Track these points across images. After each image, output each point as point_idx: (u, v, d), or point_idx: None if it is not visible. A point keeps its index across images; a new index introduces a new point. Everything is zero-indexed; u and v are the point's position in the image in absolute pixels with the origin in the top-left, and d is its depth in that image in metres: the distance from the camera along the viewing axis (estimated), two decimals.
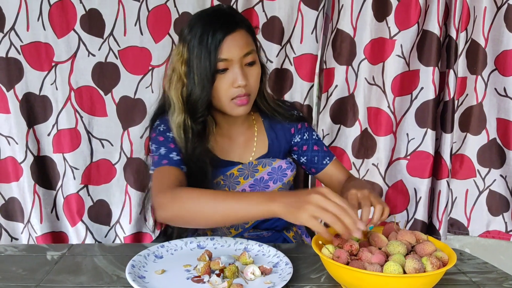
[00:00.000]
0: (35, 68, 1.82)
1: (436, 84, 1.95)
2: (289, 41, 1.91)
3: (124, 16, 1.81)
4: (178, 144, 1.19)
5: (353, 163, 2.03)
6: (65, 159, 1.89)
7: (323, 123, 1.99)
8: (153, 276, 0.98)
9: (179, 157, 1.17)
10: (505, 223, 2.11)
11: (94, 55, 1.83)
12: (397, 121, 2.02)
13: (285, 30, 1.89)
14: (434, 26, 1.91)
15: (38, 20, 1.78)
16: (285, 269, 0.99)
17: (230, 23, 1.14)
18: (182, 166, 1.16)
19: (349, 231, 0.88)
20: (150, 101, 1.88)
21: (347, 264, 0.90)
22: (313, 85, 1.96)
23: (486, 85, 2.03)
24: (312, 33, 1.88)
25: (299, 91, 1.94)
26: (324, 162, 1.36)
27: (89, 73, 1.84)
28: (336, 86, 1.97)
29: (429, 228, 2.09)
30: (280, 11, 1.88)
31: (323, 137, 2.00)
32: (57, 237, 1.96)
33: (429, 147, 1.99)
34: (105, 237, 1.98)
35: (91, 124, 1.89)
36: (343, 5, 1.90)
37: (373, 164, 2.05)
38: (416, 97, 1.99)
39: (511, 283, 0.99)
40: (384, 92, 1.99)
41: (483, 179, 2.10)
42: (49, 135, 1.88)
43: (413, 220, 2.07)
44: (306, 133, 1.37)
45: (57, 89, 1.84)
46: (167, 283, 0.95)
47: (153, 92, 1.87)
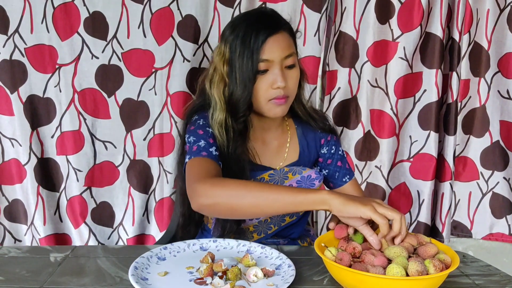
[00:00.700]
0: (39, 70, 1.82)
1: (439, 86, 1.95)
2: None
3: (127, 18, 1.82)
4: (217, 141, 1.20)
5: (356, 165, 2.03)
6: (68, 161, 1.89)
7: None
8: (156, 278, 0.98)
9: (217, 153, 1.17)
10: (509, 225, 2.10)
11: (97, 58, 1.84)
12: (400, 123, 2.02)
13: None
14: (437, 28, 1.91)
15: (42, 22, 1.78)
16: (288, 271, 0.99)
17: (273, 24, 1.16)
18: (219, 162, 1.17)
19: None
20: (153, 104, 1.89)
21: (350, 266, 0.90)
22: (316, 87, 1.96)
23: (489, 88, 2.03)
24: (315, 36, 1.89)
25: None
26: (344, 179, 1.38)
27: (92, 76, 1.85)
28: (339, 88, 1.97)
29: (432, 230, 2.09)
30: (283, 14, 1.81)
31: None
32: (60, 239, 1.96)
33: (432, 149, 1.99)
34: (108, 239, 1.98)
35: (94, 126, 1.89)
36: (346, 7, 1.90)
37: (376, 166, 2.05)
38: (419, 100, 1.99)
39: None
40: (387, 94, 1.99)
41: (486, 182, 2.10)
42: (52, 137, 1.88)
43: (416, 222, 2.07)
44: (334, 147, 1.38)
45: (60, 91, 1.85)
46: (170, 285, 0.95)
47: (156, 94, 1.88)
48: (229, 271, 0.96)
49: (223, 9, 1.84)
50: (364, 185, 2.06)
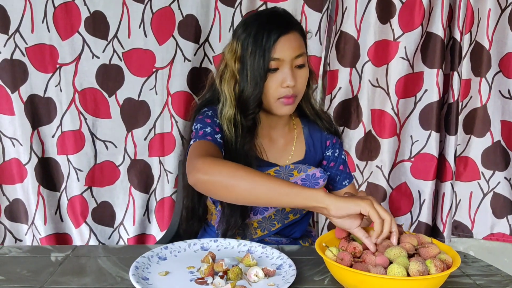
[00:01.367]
0: (40, 70, 1.82)
1: (440, 86, 1.95)
2: None
3: (128, 18, 1.82)
4: (225, 135, 1.22)
5: (357, 165, 2.03)
6: (69, 160, 1.89)
7: None
8: (156, 277, 0.98)
9: (222, 141, 1.20)
10: (510, 225, 2.10)
11: (98, 57, 1.84)
12: (401, 123, 2.02)
13: None
14: (438, 28, 1.91)
15: (42, 22, 1.78)
16: (289, 271, 0.99)
17: (285, 24, 1.19)
18: (222, 149, 1.19)
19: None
20: (154, 103, 1.88)
21: (351, 266, 0.90)
22: (316, 87, 1.95)
23: (490, 87, 2.03)
24: (316, 35, 1.88)
25: None
26: (343, 183, 1.42)
27: (93, 75, 1.85)
28: (340, 88, 1.97)
29: (433, 230, 2.08)
30: None
31: None
32: (61, 238, 1.96)
33: (433, 149, 1.99)
34: (109, 238, 1.98)
35: (95, 126, 1.89)
36: (347, 7, 1.90)
37: (377, 166, 2.05)
38: (420, 99, 1.99)
39: None
40: (388, 94, 1.99)
41: (487, 182, 2.09)
42: (53, 136, 1.88)
43: (417, 222, 2.06)
44: (337, 150, 1.41)
45: (61, 91, 1.84)
46: (170, 284, 0.95)
47: (157, 94, 1.88)
48: (230, 271, 0.96)
49: (224, 9, 1.84)
50: (365, 185, 2.06)
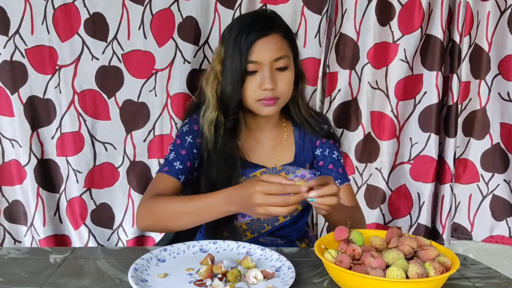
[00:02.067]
0: (39, 71, 1.82)
1: (439, 88, 1.95)
2: None
3: (128, 20, 1.82)
4: (192, 148, 1.25)
5: (356, 167, 2.03)
6: (68, 162, 1.89)
7: None
8: (155, 279, 0.98)
9: (181, 167, 1.23)
10: (509, 228, 2.10)
11: (97, 59, 1.84)
12: (400, 125, 2.02)
13: None
14: (437, 30, 1.91)
15: (42, 23, 1.79)
16: (288, 274, 0.99)
17: (265, 26, 1.18)
18: (180, 176, 1.23)
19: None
20: (153, 105, 1.88)
21: (350, 268, 0.90)
22: (316, 89, 1.96)
23: (489, 90, 2.03)
24: (315, 37, 1.89)
25: None
26: None
27: (92, 77, 1.85)
28: (339, 90, 1.97)
29: (433, 232, 2.08)
30: (283, 15, 1.82)
31: None
32: (60, 240, 1.96)
33: (432, 151, 1.99)
34: (108, 240, 1.98)
35: (94, 127, 1.89)
36: (346, 9, 1.90)
37: (376, 168, 2.05)
38: (419, 102, 1.99)
39: None
40: (387, 96, 1.99)
41: (487, 184, 2.09)
42: (52, 138, 1.88)
43: (416, 224, 2.06)
44: (327, 149, 1.37)
45: (60, 92, 1.84)
46: (169, 286, 0.95)
47: (156, 95, 1.88)
48: (228, 273, 0.96)
49: (224, 11, 1.84)
50: (364, 187, 2.06)
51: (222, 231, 1.26)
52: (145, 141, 1.91)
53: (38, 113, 1.86)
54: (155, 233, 1.96)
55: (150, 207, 1.15)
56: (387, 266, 0.90)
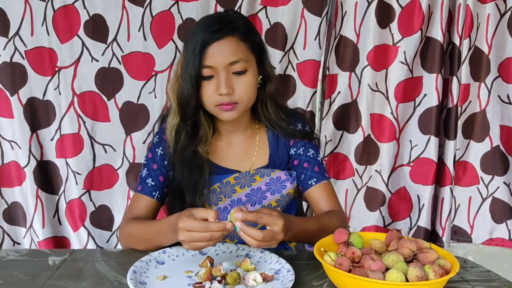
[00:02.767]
0: (39, 73, 1.82)
1: (439, 91, 1.95)
2: (292, 47, 1.91)
3: (128, 21, 1.82)
4: (163, 160, 1.25)
5: (356, 169, 2.03)
6: (67, 164, 1.89)
7: (326, 129, 1.99)
8: (154, 282, 0.97)
9: (154, 183, 1.24)
10: (509, 230, 2.10)
11: (97, 61, 1.84)
12: (400, 127, 2.02)
13: (288, 36, 1.90)
14: (437, 33, 1.91)
15: (42, 25, 1.79)
16: (287, 276, 0.99)
17: (220, 30, 1.13)
18: (154, 193, 1.25)
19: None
20: (153, 107, 1.88)
21: (349, 271, 0.89)
22: (316, 91, 1.96)
23: (489, 92, 2.03)
24: (315, 39, 1.89)
25: (302, 97, 1.94)
26: (309, 182, 1.28)
27: (92, 78, 1.85)
28: (339, 92, 1.97)
29: (432, 235, 2.08)
30: (283, 18, 1.88)
31: (326, 143, 1.99)
32: (59, 242, 1.96)
33: (432, 154, 1.99)
34: (107, 242, 1.98)
35: (94, 129, 1.89)
36: (346, 11, 1.91)
37: (376, 170, 2.04)
38: (419, 104, 1.99)
39: None
40: (387, 98, 1.99)
41: (487, 186, 2.09)
42: (52, 140, 1.88)
43: (416, 227, 2.06)
44: (302, 147, 1.30)
45: (60, 94, 1.84)
46: None
47: (156, 97, 1.88)
48: (228, 276, 0.95)
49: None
50: (364, 190, 2.06)
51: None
52: (144, 142, 1.91)
53: (37, 114, 1.86)
54: None
55: (123, 232, 1.22)
56: (387, 269, 0.90)
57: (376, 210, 2.06)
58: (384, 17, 1.92)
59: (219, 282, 0.94)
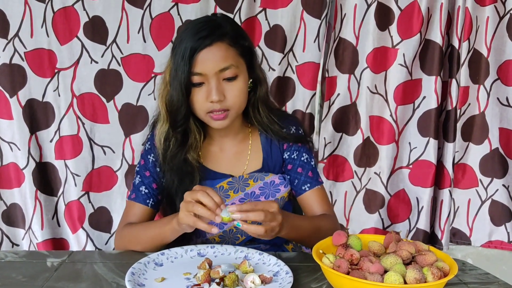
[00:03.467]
0: (38, 74, 1.82)
1: (438, 93, 1.95)
2: (291, 49, 1.91)
3: (127, 23, 1.82)
4: (155, 167, 1.25)
5: (355, 171, 2.03)
6: (66, 165, 1.89)
7: (325, 132, 1.99)
8: (153, 284, 0.97)
9: (147, 191, 1.24)
10: (508, 233, 2.10)
11: (97, 62, 1.84)
12: (399, 130, 2.02)
13: (287, 38, 1.90)
14: (436, 35, 1.92)
15: (41, 27, 1.79)
16: (286, 278, 0.99)
17: (209, 36, 1.10)
18: (148, 200, 1.24)
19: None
20: (152, 109, 1.87)
21: (348, 273, 0.89)
22: (315, 93, 1.96)
23: (488, 95, 2.03)
24: (314, 42, 1.89)
25: (301, 99, 1.94)
26: (303, 188, 1.27)
27: (91, 80, 1.85)
28: (338, 94, 1.97)
29: (431, 237, 2.08)
30: (282, 20, 1.88)
31: (325, 145, 2.00)
32: (57, 243, 1.96)
33: (431, 156, 1.99)
34: (106, 244, 1.98)
35: (93, 131, 1.89)
36: (345, 14, 1.91)
37: (375, 172, 2.04)
38: (418, 106, 1.99)
39: None
40: (386, 100, 1.99)
41: (486, 189, 2.09)
42: (51, 141, 1.88)
43: (415, 229, 2.06)
44: (295, 152, 1.28)
45: (59, 95, 1.85)
46: None
47: (155, 99, 1.87)
48: (226, 278, 0.95)
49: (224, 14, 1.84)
50: (363, 192, 2.06)
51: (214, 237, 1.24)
52: (143, 144, 1.90)
53: (36, 116, 1.86)
54: None
55: (121, 237, 1.22)
56: (385, 271, 0.90)
57: (375, 212, 2.06)
58: (383, 19, 1.92)
59: (218, 284, 0.94)
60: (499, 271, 2.11)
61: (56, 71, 1.83)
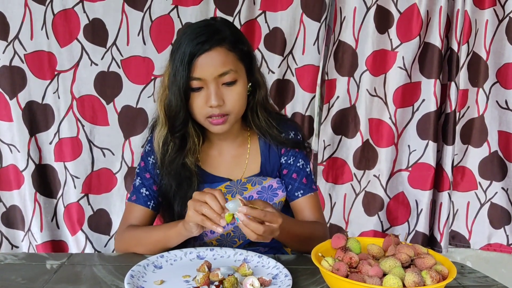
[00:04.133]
0: (38, 76, 1.82)
1: (437, 96, 1.95)
2: (291, 52, 1.92)
3: (127, 26, 1.83)
4: (155, 169, 1.24)
5: (354, 174, 2.03)
6: (66, 167, 1.89)
7: (325, 134, 1.99)
8: (152, 286, 0.97)
9: (148, 193, 1.24)
10: (507, 236, 2.10)
11: (96, 65, 1.84)
12: (398, 132, 2.02)
13: (287, 41, 1.90)
14: (435, 38, 1.92)
15: (41, 29, 1.79)
16: (285, 281, 0.99)
17: (207, 41, 1.10)
18: (149, 202, 1.24)
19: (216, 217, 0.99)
20: (152, 111, 1.86)
21: (347, 276, 0.89)
22: (314, 96, 1.96)
23: (487, 98, 2.03)
24: (314, 44, 1.89)
25: (300, 102, 1.94)
26: (296, 194, 1.26)
27: (91, 82, 1.85)
28: (337, 97, 1.97)
29: (430, 240, 2.08)
30: (282, 23, 1.89)
31: (324, 148, 2.00)
32: (57, 245, 1.96)
33: (430, 159, 1.99)
34: (105, 246, 1.98)
35: (92, 133, 1.89)
36: (345, 17, 1.91)
37: (374, 175, 2.05)
38: (417, 109, 2.00)
39: None
40: (385, 103, 1.99)
41: (485, 192, 2.09)
42: (50, 143, 1.88)
43: (414, 232, 2.06)
44: (292, 157, 1.27)
45: (59, 97, 1.85)
46: None
47: (155, 101, 1.87)
48: (225, 280, 0.95)
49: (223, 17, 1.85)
50: (362, 194, 2.06)
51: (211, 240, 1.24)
52: (143, 147, 1.90)
53: (36, 118, 1.86)
54: None
55: (123, 239, 1.22)
56: (384, 274, 0.90)
57: (374, 215, 2.06)
58: (382, 22, 1.92)
59: (217, 287, 0.94)
60: (498, 274, 2.11)
61: (56, 73, 1.83)
